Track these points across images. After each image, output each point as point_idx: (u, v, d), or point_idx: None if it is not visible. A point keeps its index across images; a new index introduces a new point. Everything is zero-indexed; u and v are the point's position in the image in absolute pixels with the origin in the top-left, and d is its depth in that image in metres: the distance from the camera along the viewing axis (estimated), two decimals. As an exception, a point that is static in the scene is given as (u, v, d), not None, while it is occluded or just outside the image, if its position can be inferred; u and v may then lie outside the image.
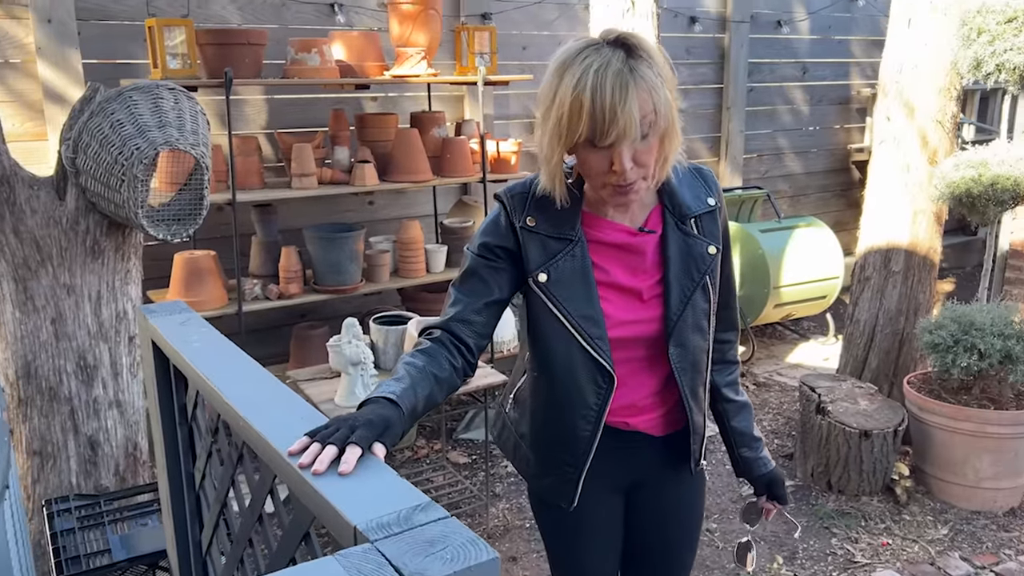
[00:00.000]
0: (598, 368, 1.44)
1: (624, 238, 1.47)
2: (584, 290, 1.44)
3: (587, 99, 1.26)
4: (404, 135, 3.51)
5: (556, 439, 1.53)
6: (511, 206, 1.46)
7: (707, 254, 1.48)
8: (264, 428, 1.14)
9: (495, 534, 3.08)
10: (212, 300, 3.19)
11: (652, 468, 1.61)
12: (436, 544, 0.83)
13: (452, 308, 1.44)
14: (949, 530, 3.08)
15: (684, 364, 1.49)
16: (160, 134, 2.37)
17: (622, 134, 1.28)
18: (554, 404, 1.51)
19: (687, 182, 1.51)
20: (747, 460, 1.66)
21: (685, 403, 1.51)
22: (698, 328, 1.49)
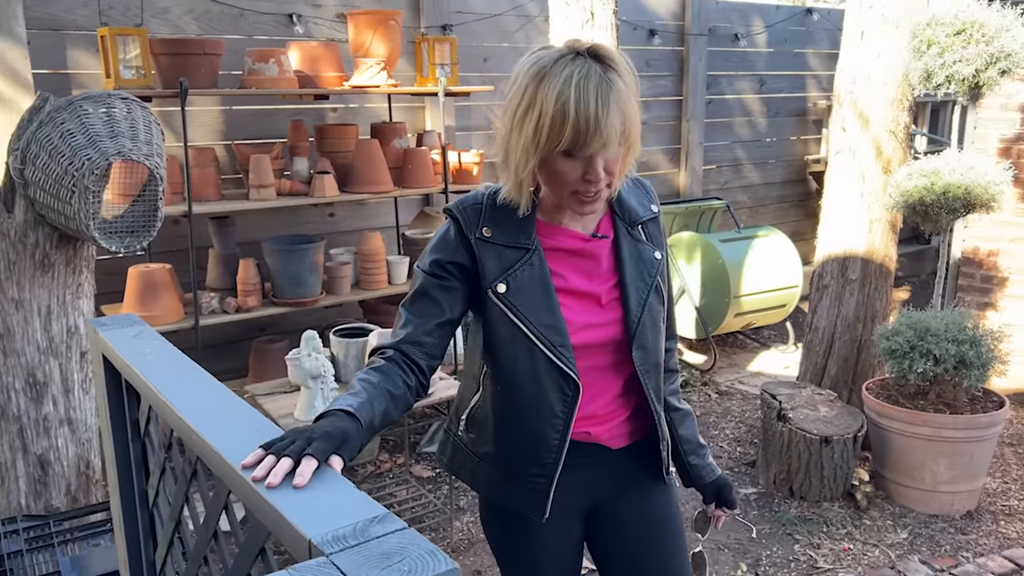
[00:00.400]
0: (563, 376, 1.43)
1: (579, 244, 1.48)
2: (544, 299, 1.44)
3: (571, 109, 1.27)
4: (364, 146, 3.49)
5: (524, 451, 1.50)
6: (464, 219, 1.44)
7: (654, 258, 1.52)
8: (217, 442, 1.11)
9: (459, 548, 3.05)
10: (168, 314, 3.12)
11: (613, 486, 1.59)
12: (393, 556, 0.81)
13: (402, 330, 1.42)
14: (908, 534, 3.12)
15: (647, 366, 1.50)
16: (112, 144, 2.32)
17: (604, 144, 1.30)
18: (520, 416, 1.49)
19: (631, 191, 1.55)
20: (696, 468, 1.67)
21: (651, 406, 1.52)
22: (656, 329, 1.52)
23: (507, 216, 1.44)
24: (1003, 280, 4.44)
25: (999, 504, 3.35)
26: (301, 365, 2.59)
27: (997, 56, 2.90)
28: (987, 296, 4.51)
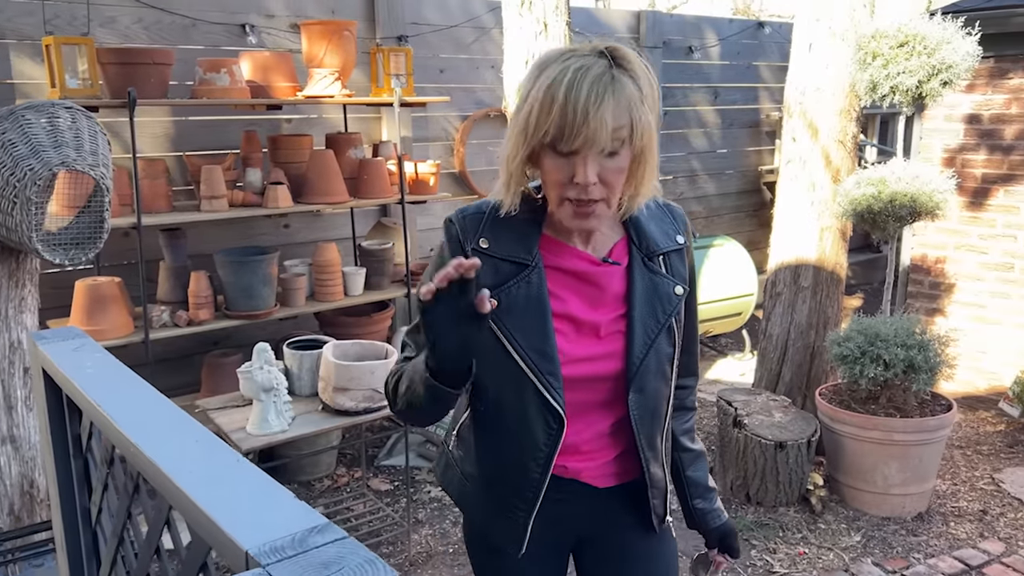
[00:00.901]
0: (548, 408, 1.33)
1: (585, 267, 1.35)
2: (538, 321, 1.32)
3: (560, 95, 1.18)
4: (319, 156, 3.46)
5: (505, 480, 1.41)
6: (462, 227, 1.36)
7: (674, 294, 1.38)
8: (157, 455, 1.08)
9: (417, 561, 3.02)
10: (117, 328, 3.06)
11: (597, 525, 1.48)
12: (331, 566, 0.80)
13: (403, 363, 1.35)
14: (862, 537, 3.17)
15: (643, 412, 1.37)
16: (56, 154, 2.27)
17: (589, 140, 1.18)
18: (501, 443, 1.40)
19: (655, 217, 1.41)
20: (702, 512, 1.54)
21: (640, 454, 1.40)
22: (661, 373, 1.39)
23: (510, 228, 1.34)
24: (950, 286, 4.55)
25: (949, 505, 3.41)
26: (253, 378, 2.55)
27: (939, 68, 2.98)
28: (935, 302, 4.61)
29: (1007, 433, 4.10)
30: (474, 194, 4.68)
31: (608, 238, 1.37)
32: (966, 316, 4.50)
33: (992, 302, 4.39)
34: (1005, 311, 4.35)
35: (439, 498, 3.49)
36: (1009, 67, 4.19)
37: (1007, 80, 4.21)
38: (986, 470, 3.73)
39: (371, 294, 3.70)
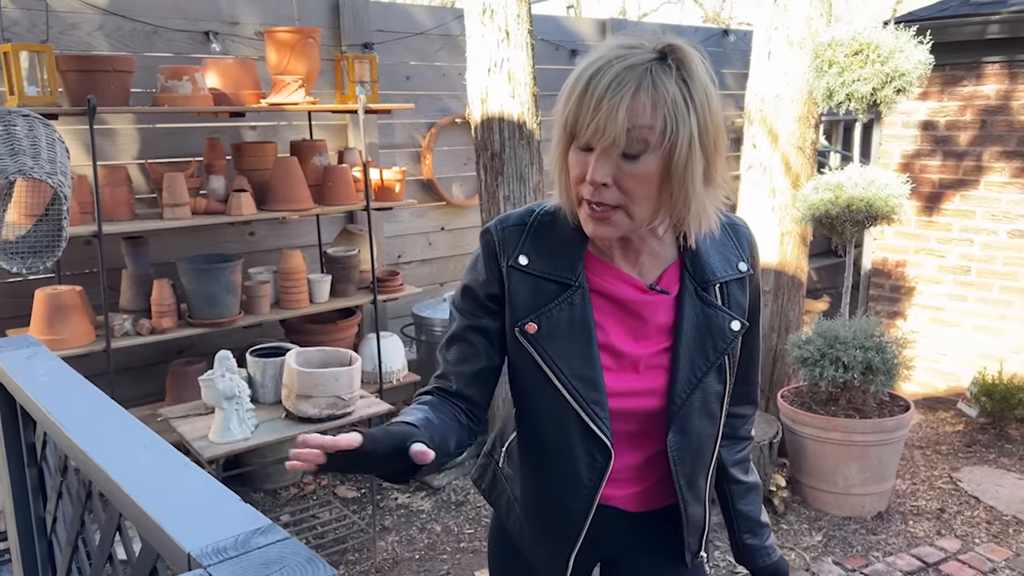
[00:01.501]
0: (594, 440, 1.24)
1: (631, 294, 1.24)
2: (583, 347, 1.22)
3: (584, 80, 1.10)
4: (283, 163, 3.46)
5: (546, 513, 1.35)
6: (500, 240, 1.25)
7: (729, 330, 1.26)
8: (106, 462, 1.09)
9: (383, 567, 3.02)
10: (77, 337, 3.03)
11: (627, 545, 1.41)
12: (271, 565, 0.81)
13: (440, 380, 1.29)
14: (823, 536, 3.22)
15: (684, 452, 1.28)
16: (12, 162, 2.25)
17: (599, 131, 1.08)
18: (543, 475, 1.33)
19: (716, 240, 1.28)
20: (750, 548, 1.45)
21: (678, 492, 1.31)
22: (707, 413, 1.28)
23: (555, 242, 1.23)
24: (910, 289, 4.64)
25: (908, 504, 3.48)
26: (215, 386, 2.54)
27: (892, 75, 3.04)
28: (896, 305, 4.70)
29: (965, 433, 4.18)
30: (442, 200, 4.70)
31: (659, 261, 1.25)
32: (926, 318, 4.59)
33: (950, 304, 4.49)
34: (963, 313, 4.44)
35: (406, 504, 3.49)
36: (962, 75, 4.29)
37: (961, 87, 4.31)
38: (945, 469, 3.81)
39: (337, 301, 3.70)
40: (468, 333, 1.28)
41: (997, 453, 3.95)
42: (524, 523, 1.40)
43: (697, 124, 1.10)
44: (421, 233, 4.68)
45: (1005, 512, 3.39)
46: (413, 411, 1.21)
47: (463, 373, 1.27)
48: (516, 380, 1.31)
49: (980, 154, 4.28)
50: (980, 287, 4.36)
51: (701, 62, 1.13)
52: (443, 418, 1.23)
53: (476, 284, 1.27)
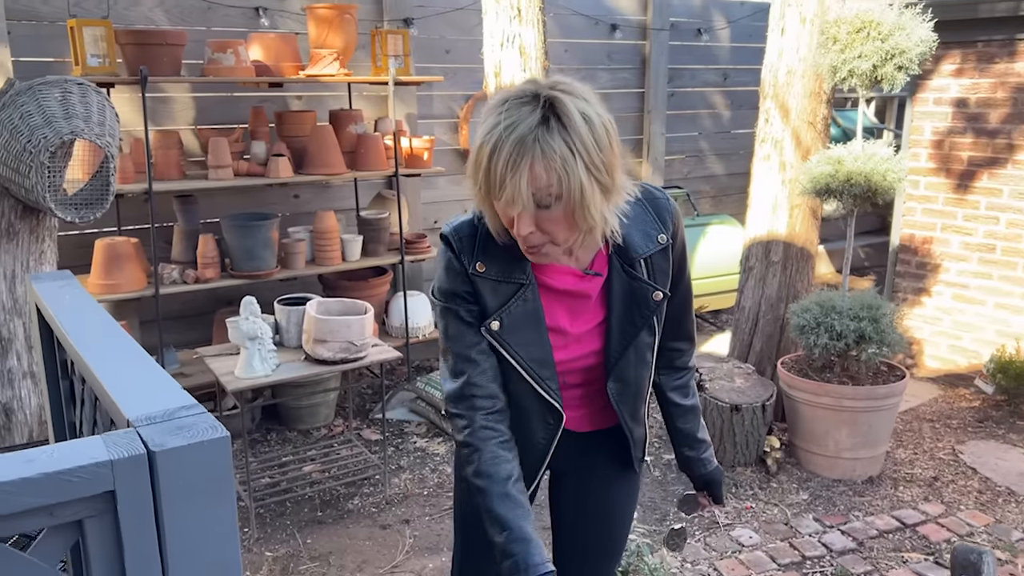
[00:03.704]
0: (547, 406, 1.48)
1: (570, 282, 1.45)
2: (536, 334, 1.44)
3: (485, 158, 1.26)
4: (319, 131, 3.75)
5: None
6: (459, 249, 1.42)
7: (652, 299, 1.45)
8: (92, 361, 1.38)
9: (394, 500, 3.32)
10: (131, 283, 3.40)
11: (576, 459, 1.63)
12: (184, 429, 1.07)
13: (459, 366, 1.43)
14: (809, 495, 3.37)
15: (624, 395, 1.52)
16: (66, 124, 2.59)
17: (510, 201, 1.26)
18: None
19: (637, 219, 1.44)
20: (689, 459, 1.70)
21: (624, 425, 1.55)
22: (641, 362, 1.50)
23: (501, 249, 1.41)
24: (936, 267, 4.66)
25: (903, 471, 3.58)
26: (239, 327, 2.86)
27: (892, 52, 3.12)
28: (921, 282, 4.73)
29: (980, 409, 4.22)
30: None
31: (589, 249, 1.44)
32: (950, 295, 4.61)
33: (974, 282, 4.50)
34: (986, 291, 4.45)
35: (423, 448, 3.78)
36: (995, 52, 4.27)
37: (994, 65, 4.29)
38: (950, 442, 3.88)
39: (368, 260, 3.99)
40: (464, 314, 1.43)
41: (1007, 429, 3.99)
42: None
43: (585, 167, 1.25)
44: (457, 200, 4.93)
45: (999, 483, 3.47)
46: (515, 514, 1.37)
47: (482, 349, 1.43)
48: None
49: (1011, 132, 4.27)
50: (1005, 265, 4.36)
51: (579, 104, 1.25)
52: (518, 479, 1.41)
53: (453, 282, 1.44)
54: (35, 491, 0.91)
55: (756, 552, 2.97)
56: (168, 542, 0.98)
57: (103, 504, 0.96)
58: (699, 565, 2.88)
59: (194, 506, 1.01)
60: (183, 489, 1.01)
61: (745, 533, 3.09)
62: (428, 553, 2.95)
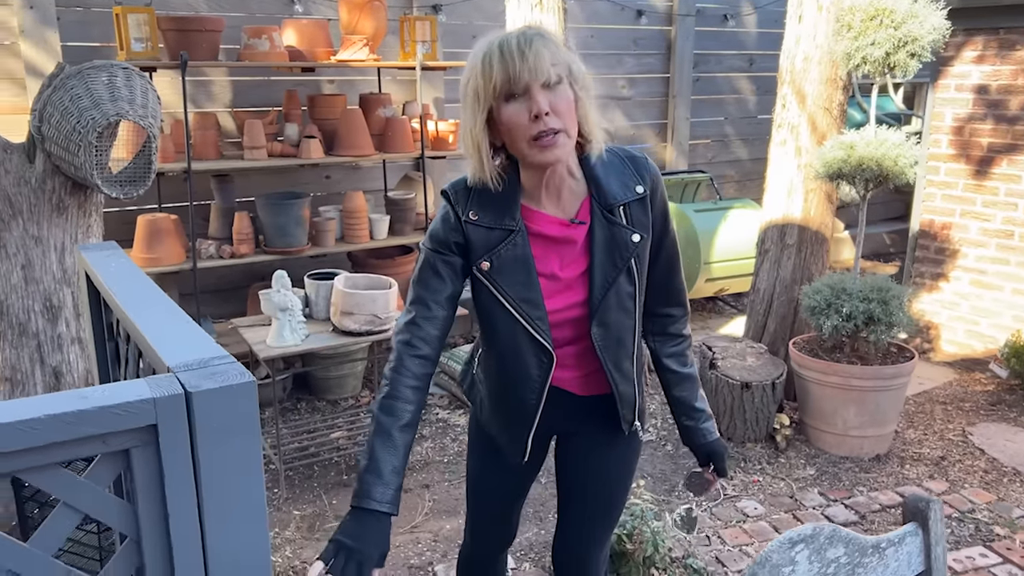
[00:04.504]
0: (539, 347, 1.58)
1: (557, 230, 1.57)
2: (525, 276, 1.55)
3: (496, 51, 1.41)
4: (349, 114, 3.91)
5: (508, 406, 1.69)
6: (455, 200, 1.56)
7: (630, 241, 1.56)
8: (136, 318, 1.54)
9: (415, 467, 3.49)
10: (170, 257, 3.60)
11: (576, 422, 1.75)
12: (217, 374, 1.23)
13: (414, 306, 1.56)
14: (816, 471, 3.47)
15: (607, 342, 1.61)
16: (112, 107, 2.77)
17: (533, 71, 1.39)
18: (503, 378, 1.67)
19: (616, 170, 1.57)
20: (688, 429, 1.78)
21: (608, 375, 1.63)
22: (622, 309, 1.60)
23: (493, 199, 1.54)
24: (955, 252, 4.70)
25: (911, 451, 3.67)
26: (271, 299, 3.04)
27: (905, 40, 3.19)
28: (940, 267, 4.78)
29: (993, 393, 4.28)
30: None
31: (575, 197, 1.57)
32: (967, 281, 4.66)
33: (992, 268, 4.54)
34: (1004, 277, 4.49)
35: (445, 419, 3.95)
36: (1016, 39, 4.29)
37: (1015, 52, 4.31)
38: (960, 424, 3.95)
39: (394, 238, 4.16)
40: (437, 265, 1.57)
41: (1019, 412, 4.05)
42: (492, 415, 1.75)
43: (573, 60, 1.46)
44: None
45: (1006, 464, 3.54)
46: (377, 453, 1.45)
47: (432, 296, 1.56)
48: (479, 306, 1.64)
49: (1032, 119, 4.29)
50: (1022, 251, 4.39)
51: (550, 31, 1.47)
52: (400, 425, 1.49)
53: (443, 231, 1.57)
54: (90, 421, 1.08)
55: (760, 522, 3.09)
56: (201, 470, 1.15)
57: (147, 436, 1.13)
58: (703, 532, 3.01)
59: (224, 440, 1.18)
60: (215, 425, 1.18)
61: (751, 504, 3.21)
62: (445, 515, 3.12)
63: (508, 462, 1.77)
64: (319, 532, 3.01)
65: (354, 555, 1.35)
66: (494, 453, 1.80)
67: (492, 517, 1.90)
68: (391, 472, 1.44)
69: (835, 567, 1.16)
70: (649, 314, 1.72)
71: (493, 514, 1.90)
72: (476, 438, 1.87)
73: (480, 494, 1.89)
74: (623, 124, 5.66)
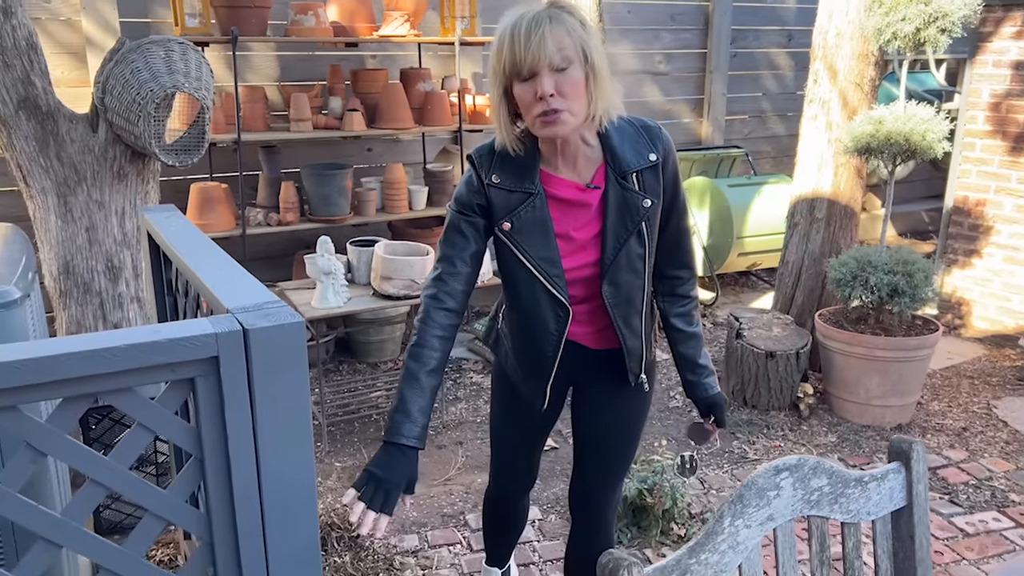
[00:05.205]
0: (557, 302, 1.72)
1: (574, 194, 1.68)
2: (543, 236, 1.67)
3: (508, 34, 1.53)
4: (390, 88, 4.06)
5: (529, 358, 1.84)
6: (479, 164, 1.68)
7: (641, 206, 1.67)
8: (199, 270, 1.72)
9: (450, 424, 3.67)
10: (221, 224, 3.80)
11: (589, 374, 1.89)
12: (270, 315, 1.39)
13: (441, 263, 1.70)
14: (837, 438, 3.57)
15: (617, 300, 1.73)
16: (169, 79, 2.95)
17: (535, 57, 1.50)
18: (524, 332, 1.81)
19: (630, 139, 1.68)
20: (690, 383, 1.91)
21: (617, 331, 1.77)
22: (632, 270, 1.72)
23: (514, 164, 1.66)
24: (988, 228, 4.72)
25: (934, 421, 3.75)
26: (315, 263, 3.21)
27: (935, 15, 3.23)
28: (973, 244, 4.79)
29: (1021, 368, 4.31)
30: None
31: (591, 163, 1.68)
32: (1000, 257, 4.67)
33: (1025, 244, 4.55)
34: (1037, 254, 4.50)
35: (479, 383, 4.12)
36: (1057, 14, 4.27)
37: (1055, 27, 4.29)
38: (985, 397, 4.00)
39: (432, 209, 4.31)
40: (461, 225, 1.70)
41: (1046, 387, 4.09)
42: (515, 366, 1.92)
43: (590, 38, 1.56)
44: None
45: (1028, 436, 3.61)
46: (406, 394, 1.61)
47: (458, 254, 1.69)
48: (501, 265, 1.78)
49: (1070, 95, 4.28)
50: (1057, 228, 4.40)
51: (577, 6, 1.62)
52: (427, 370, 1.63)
53: (468, 193, 1.71)
54: (161, 351, 1.26)
55: (779, 484, 3.20)
56: (256, 397, 1.32)
57: (210, 367, 1.30)
58: (723, 492, 3.14)
59: (276, 371, 1.35)
60: (268, 358, 1.34)
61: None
62: (477, 470, 3.29)
63: (528, 409, 1.93)
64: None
65: (383, 484, 1.52)
66: (515, 401, 1.96)
67: (513, 459, 2.07)
68: (418, 411, 1.60)
69: (818, 495, 1.28)
70: (659, 276, 1.85)
71: (514, 457, 2.06)
72: (499, 387, 2.03)
73: (502, 438, 2.06)
74: (659, 99, 5.73)
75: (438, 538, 2.83)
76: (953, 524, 2.94)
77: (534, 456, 2.08)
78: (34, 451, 1.20)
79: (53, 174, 3.06)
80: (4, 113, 2.92)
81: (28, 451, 1.20)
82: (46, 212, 3.10)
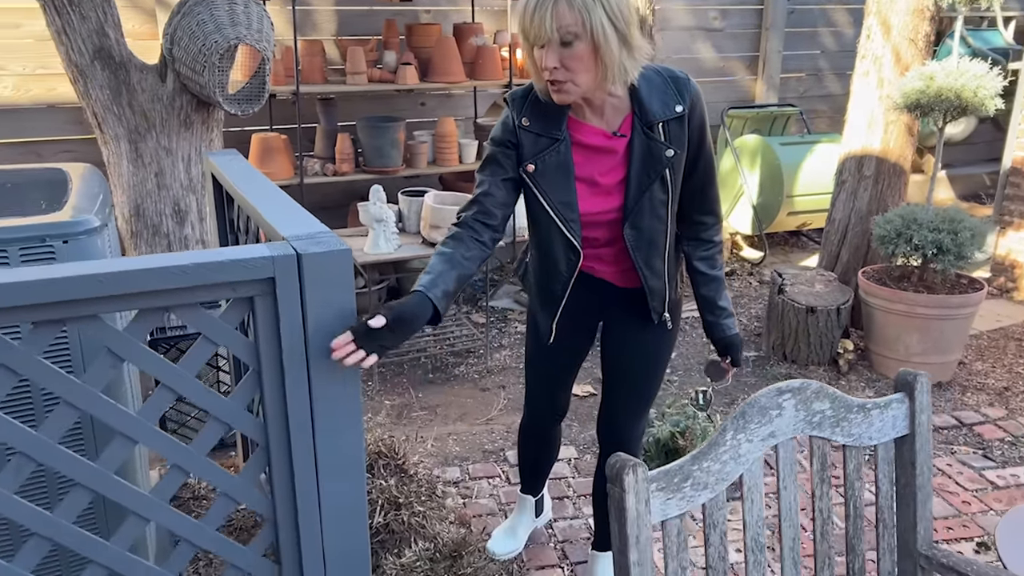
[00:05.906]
0: (569, 245, 1.83)
1: (601, 141, 1.77)
2: (564, 181, 1.77)
3: (520, 8, 1.64)
4: (442, 42, 4.15)
5: (543, 294, 1.99)
6: (513, 107, 1.80)
7: (664, 156, 1.76)
8: (260, 206, 1.86)
9: (493, 369, 3.81)
10: (280, 172, 3.97)
11: (615, 310, 2.01)
12: (321, 243, 1.54)
13: (479, 188, 1.81)
14: (875, 393, 3.61)
15: (639, 243, 1.83)
16: (232, 31, 3.10)
17: (537, 34, 1.61)
18: (541, 269, 1.96)
19: (658, 90, 1.75)
20: (709, 323, 2.00)
21: (639, 271, 1.87)
22: (655, 215, 1.81)
23: (544, 109, 1.75)
24: (1046, 190, 4.63)
25: (975, 380, 3.75)
26: (368, 210, 3.36)
27: (991, -31, 3.18)
28: (1029, 205, 4.71)
29: (1072, 332, 4.27)
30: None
31: (619, 113, 1.77)
32: (1057, 220, 4.59)
33: (1084, 207, 4.46)
34: (1096, 216, 4.41)
35: (521, 331, 4.25)
36: None
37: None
38: (1032, 359, 3.99)
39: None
40: (498, 156, 1.82)
41: (1096, 351, 4.05)
42: (534, 299, 2.08)
43: (605, 12, 1.59)
44: (570, 111, 5.24)
45: (1072, 398, 3.60)
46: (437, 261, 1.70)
47: (495, 179, 1.80)
48: (527, 205, 1.89)
49: None
50: (1117, 191, 4.30)
51: None
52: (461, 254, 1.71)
53: (503, 131, 1.82)
54: (223, 271, 1.40)
55: (813, 435, 3.28)
56: (308, 315, 1.46)
57: (267, 287, 1.45)
58: (756, 440, 3.22)
59: (326, 293, 1.49)
60: (319, 281, 1.49)
61: (806, 419, 3.39)
62: (518, 412, 3.42)
63: (561, 344, 2.05)
64: (405, 419, 3.37)
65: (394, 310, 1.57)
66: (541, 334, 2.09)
67: (541, 389, 2.21)
68: (440, 275, 1.65)
69: (820, 417, 1.38)
70: (685, 220, 1.93)
71: (541, 387, 2.21)
72: (530, 321, 2.17)
73: (535, 369, 2.20)
74: (712, 56, 5.70)
75: (478, 471, 2.99)
76: (984, 476, 2.98)
77: (561, 390, 2.22)
78: (113, 356, 1.36)
79: (125, 121, 3.25)
80: (81, 63, 3.10)
81: (108, 356, 1.36)
82: (119, 158, 3.30)
